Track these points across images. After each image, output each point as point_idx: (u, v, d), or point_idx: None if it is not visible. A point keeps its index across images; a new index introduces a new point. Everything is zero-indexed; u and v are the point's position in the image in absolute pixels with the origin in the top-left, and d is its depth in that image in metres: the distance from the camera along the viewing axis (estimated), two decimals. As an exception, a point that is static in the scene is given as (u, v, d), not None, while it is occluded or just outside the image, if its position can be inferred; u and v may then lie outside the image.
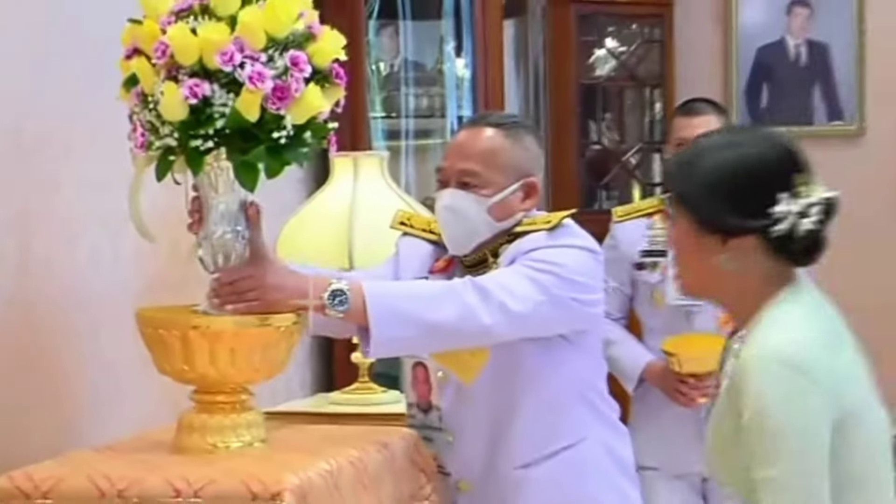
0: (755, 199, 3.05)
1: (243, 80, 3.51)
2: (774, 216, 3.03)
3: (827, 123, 8.00)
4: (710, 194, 3.09)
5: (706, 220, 3.10)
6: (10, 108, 4.10)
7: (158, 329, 3.68)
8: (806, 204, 3.03)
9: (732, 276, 3.13)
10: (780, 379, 2.97)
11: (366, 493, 3.67)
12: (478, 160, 4.02)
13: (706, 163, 3.15)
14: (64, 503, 3.44)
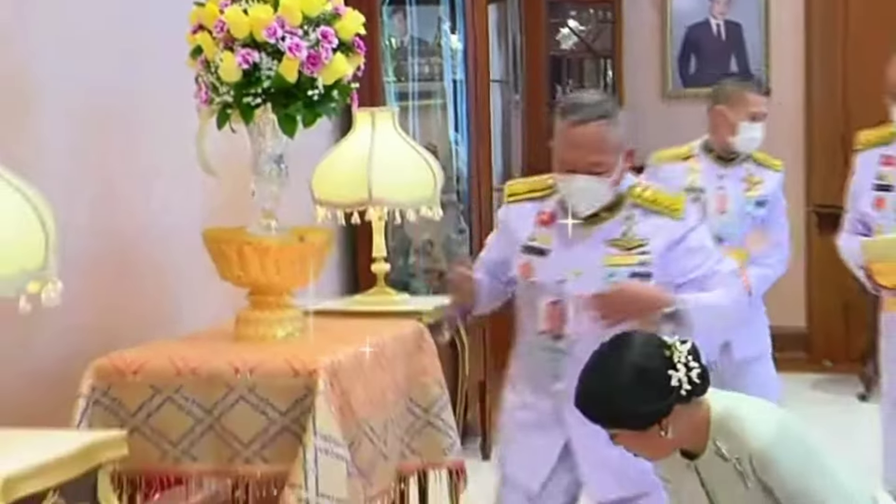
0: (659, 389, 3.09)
1: (284, 50, 3.53)
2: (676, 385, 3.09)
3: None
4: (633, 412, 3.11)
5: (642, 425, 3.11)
6: (102, 73, 4.07)
7: (220, 245, 3.70)
8: (683, 360, 3.11)
9: (681, 434, 3.13)
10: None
11: (383, 371, 3.68)
12: (599, 153, 3.96)
13: (617, 400, 3.15)
14: (149, 378, 3.45)
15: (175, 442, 3.42)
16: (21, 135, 3.68)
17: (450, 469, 3.97)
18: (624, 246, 4.09)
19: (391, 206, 4.82)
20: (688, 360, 3.21)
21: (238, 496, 3.63)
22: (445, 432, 3.91)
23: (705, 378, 3.25)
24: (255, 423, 3.37)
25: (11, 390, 3.57)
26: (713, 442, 3.30)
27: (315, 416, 3.28)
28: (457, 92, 6.12)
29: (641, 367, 3.20)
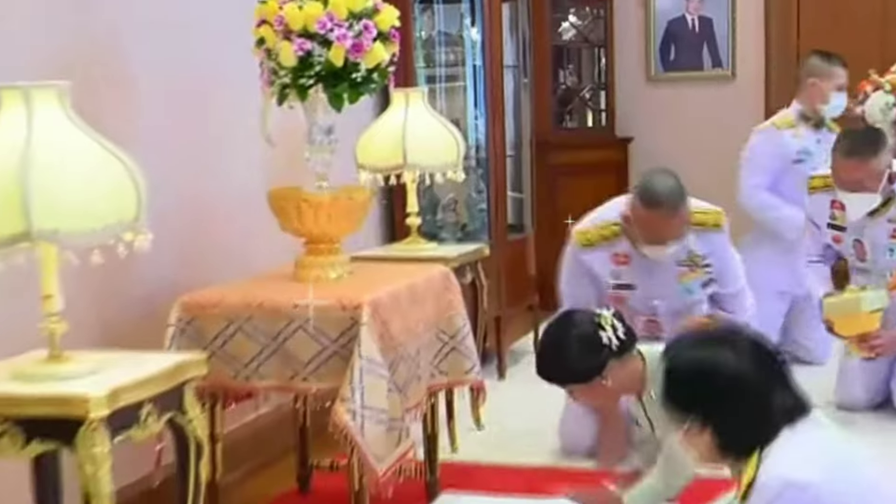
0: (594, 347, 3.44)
1: (333, 39, 3.51)
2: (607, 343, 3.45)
3: (712, 70, 7.88)
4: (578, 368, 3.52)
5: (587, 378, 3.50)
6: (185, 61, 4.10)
7: (281, 202, 3.69)
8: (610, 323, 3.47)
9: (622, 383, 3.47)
10: None
11: (415, 306, 3.67)
12: (679, 231, 4.21)
13: (564, 360, 3.55)
14: (224, 311, 3.45)
15: (246, 363, 3.42)
16: (120, 110, 3.69)
17: (472, 386, 3.97)
18: (690, 263, 4.20)
19: (422, 170, 4.81)
20: (613, 323, 3.45)
21: (298, 408, 3.67)
22: (468, 356, 3.90)
23: (630, 335, 3.47)
24: (311, 348, 3.36)
25: (115, 321, 3.63)
26: (649, 383, 3.43)
27: (360, 342, 3.28)
28: (476, 76, 6.09)
29: (578, 333, 3.47)
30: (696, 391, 2.47)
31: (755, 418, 2.40)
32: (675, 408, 2.50)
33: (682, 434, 2.48)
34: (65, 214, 2.43)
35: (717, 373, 2.44)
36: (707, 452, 2.47)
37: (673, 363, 2.54)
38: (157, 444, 3.11)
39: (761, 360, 2.47)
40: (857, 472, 2.41)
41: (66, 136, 2.51)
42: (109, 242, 2.53)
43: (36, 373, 2.58)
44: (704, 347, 2.53)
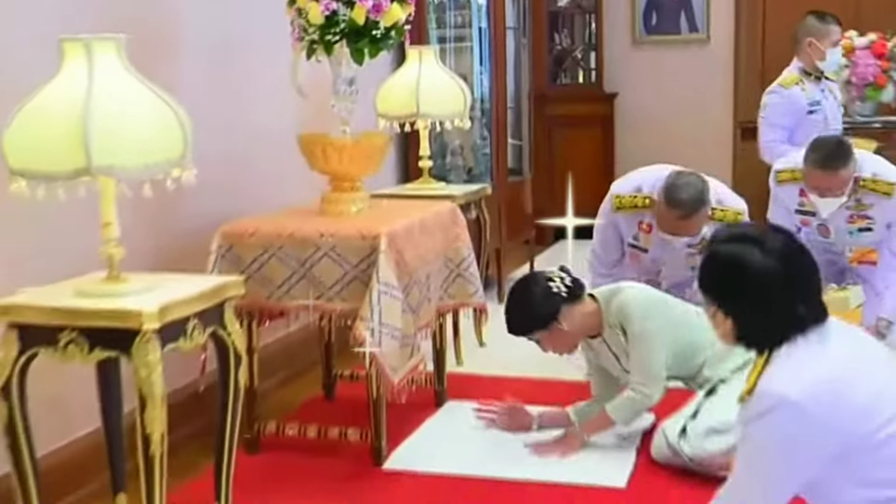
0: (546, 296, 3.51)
1: (356, 0, 3.47)
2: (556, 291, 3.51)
3: (689, 34, 7.79)
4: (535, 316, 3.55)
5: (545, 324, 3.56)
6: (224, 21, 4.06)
7: (310, 145, 3.67)
8: (557, 275, 3.55)
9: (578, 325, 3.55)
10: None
11: (426, 237, 3.67)
12: (695, 230, 4.21)
13: (523, 312, 3.58)
14: (259, 239, 3.44)
15: (278, 286, 3.42)
16: (168, 63, 3.66)
17: (475, 308, 3.97)
18: (701, 248, 4.20)
19: (433, 119, 4.79)
20: (561, 276, 3.55)
21: (323, 325, 3.67)
22: (472, 281, 3.90)
23: (578, 284, 3.57)
24: (335, 272, 3.36)
25: (164, 247, 3.63)
26: (606, 320, 3.55)
27: (378, 268, 3.27)
28: (481, 36, 6.03)
29: (532, 289, 3.56)
30: (723, 284, 2.40)
31: (771, 319, 2.32)
32: (707, 294, 2.44)
33: (711, 316, 2.43)
34: (120, 152, 2.42)
35: (742, 271, 2.33)
36: (727, 336, 2.41)
37: (710, 253, 2.46)
38: (202, 354, 3.13)
39: (788, 265, 2.34)
40: (853, 390, 2.24)
41: (122, 83, 2.49)
42: (159, 177, 2.53)
43: (97, 290, 2.59)
44: (740, 244, 2.46)
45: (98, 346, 2.50)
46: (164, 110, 2.53)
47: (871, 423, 2.22)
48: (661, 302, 3.63)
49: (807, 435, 2.21)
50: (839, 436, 2.21)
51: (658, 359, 3.48)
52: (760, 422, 2.26)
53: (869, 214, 4.55)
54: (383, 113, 4.74)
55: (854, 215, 4.59)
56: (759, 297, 2.33)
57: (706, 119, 7.59)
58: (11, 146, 2.43)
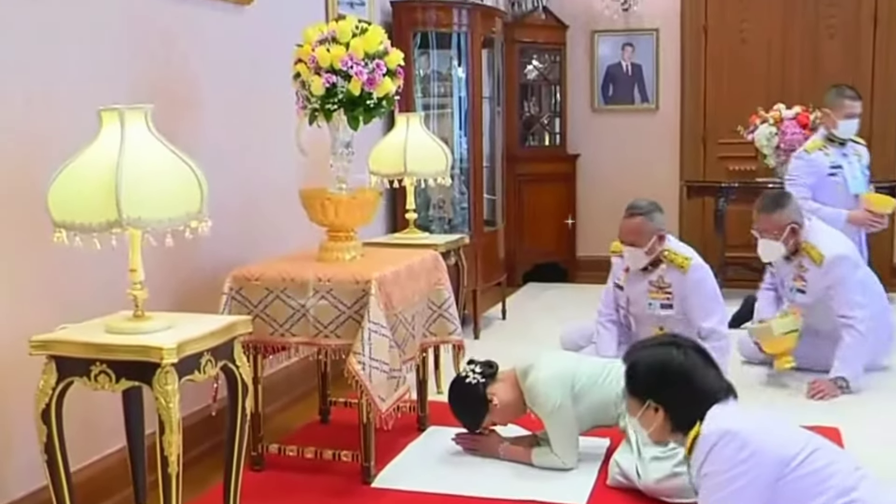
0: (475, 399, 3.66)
1: (352, 74, 3.50)
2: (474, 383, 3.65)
3: (641, 104, 7.87)
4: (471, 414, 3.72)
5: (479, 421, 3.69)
6: (239, 87, 4.08)
7: (310, 199, 3.69)
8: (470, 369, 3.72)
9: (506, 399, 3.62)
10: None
11: (412, 281, 3.67)
12: (637, 235, 4.44)
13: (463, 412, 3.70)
14: (265, 283, 3.46)
15: (281, 323, 3.43)
16: (187, 123, 3.69)
17: (454, 344, 3.96)
18: (658, 286, 4.30)
19: (419, 176, 4.80)
20: (471, 368, 3.71)
21: (320, 358, 3.67)
22: (451, 321, 3.90)
23: (487, 365, 3.67)
24: (331, 312, 3.37)
25: (182, 288, 3.62)
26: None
27: (369, 309, 3.28)
28: (461, 104, 6.05)
29: (458, 391, 3.69)
30: (652, 380, 2.53)
31: (698, 398, 2.47)
32: (634, 396, 2.56)
33: (640, 416, 2.55)
34: (146, 206, 2.45)
35: (668, 365, 2.51)
36: (659, 430, 2.53)
37: (632, 362, 2.61)
38: (214, 383, 3.14)
39: (699, 355, 2.55)
40: (772, 428, 2.49)
41: (149, 147, 2.52)
42: (179, 228, 2.56)
43: (124, 327, 2.60)
44: (656, 348, 2.59)
45: (124, 377, 2.52)
46: (185, 170, 2.56)
47: (791, 449, 2.39)
48: (567, 375, 3.56)
49: (750, 458, 2.34)
50: (773, 460, 2.33)
51: (570, 431, 3.52)
52: (710, 457, 2.39)
53: (806, 277, 4.57)
54: (375, 171, 4.76)
55: (797, 275, 4.64)
56: (685, 383, 2.49)
57: (656, 177, 7.65)
58: (55, 201, 2.46)
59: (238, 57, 4.07)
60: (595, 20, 7.86)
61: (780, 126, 6.49)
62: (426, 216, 5.93)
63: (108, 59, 3.26)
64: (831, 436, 3.73)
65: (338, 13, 4.83)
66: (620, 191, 7.57)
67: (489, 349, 5.26)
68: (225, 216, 3.72)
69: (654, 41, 7.81)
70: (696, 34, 7.69)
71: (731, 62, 7.62)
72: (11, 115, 2.85)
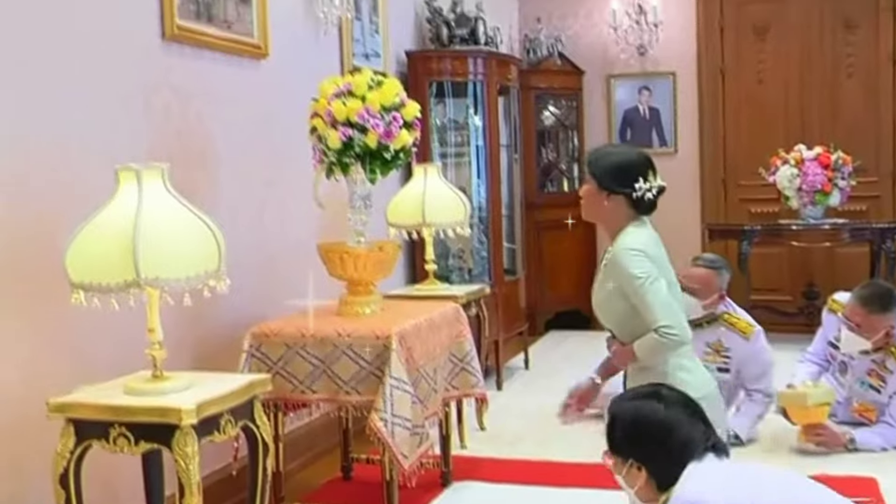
0: (628, 178, 2.91)
1: (369, 128, 3.51)
2: (635, 188, 2.91)
3: (659, 147, 7.86)
4: (606, 172, 2.95)
5: (601, 185, 2.95)
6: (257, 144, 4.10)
7: (328, 253, 3.69)
8: (649, 186, 2.93)
9: (610, 212, 2.96)
10: (634, 256, 2.85)
11: (433, 334, 3.66)
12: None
13: (606, 159, 3.00)
14: (284, 339, 3.45)
15: (301, 380, 3.42)
16: (204, 179, 3.71)
17: (477, 397, 3.93)
18: (716, 349, 4.14)
19: (437, 227, 4.79)
20: (652, 189, 2.98)
21: (341, 415, 3.64)
22: (474, 374, 3.87)
23: (650, 206, 3.00)
24: (351, 368, 3.36)
25: (200, 346, 3.61)
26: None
27: (390, 365, 3.27)
28: (478, 153, 6.06)
29: (634, 161, 3.01)
30: (632, 436, 2.36)
31: (679, 456, 2.29)
32: (616, 453, 2.38)
33: (624, 475, 2.36)
34: (164, 266, 2.45)
35: (648, 421, 2.34)
36: (644, 489, 2.33)
37: (612, 416, 2.43)
38: (234, 443, 3.12)
39: (685, 408, 2.37)
40: (745, 484, 2.25)
41: (167, 206, 2.53)
42: (198, 287, 2.55)
43: (143, 388, 2.59)
44: (638, 401, 2.46)
45: (143, 439, 2.50)
46: (202, 228, 2.56)
47: None
48: None
49: None
50: None
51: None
52: None
53: (886, 378, 4.34)
54: (393, 223, 4.76)
55: (874, 371, 4.40)
56: (664, 439, 2.30)
57: (676, 221, 7.59)
58: (72, 262, 2.47)
59: (254, 111, 4.09)
60: (611, 64, 7.90)
61: (801, 167, 6.48)
62: (445, 266, 5.91)
63: (124, 117, 3.29)
64: (868, 487, 3.68)
65: (353, 65, 4.86)
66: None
67: (512, 401, 5.22)
68: (243, 271, 3.71)
69: (672, 84, 7.83)
70: (713, 76, 7.71)
71: (750, 103, 7.63)
72: (28, 174, 2.87)
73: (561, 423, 3.17)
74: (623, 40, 7.73)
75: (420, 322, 3.55)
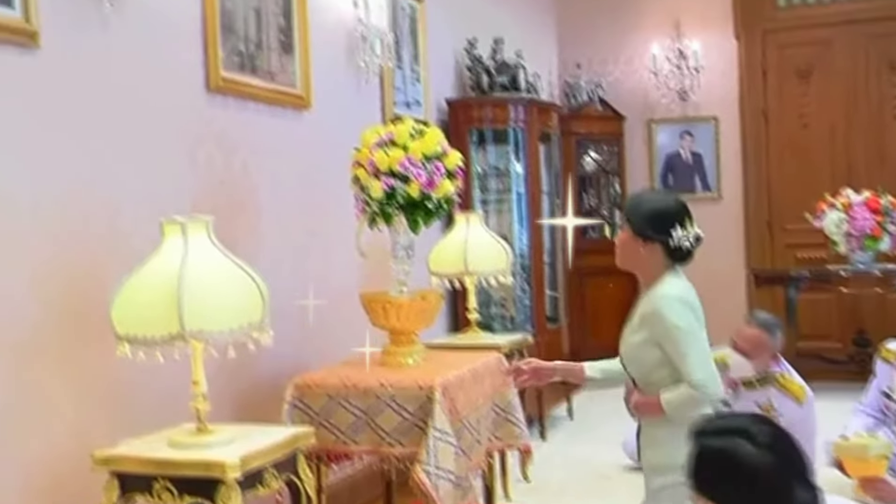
0: (664, 225, 2.85)
1: (411, 177, 3.52)
2: (672, 236, 2.84)
3: (702, 192, 7.83)
4: (642, 219, 2.91)
5: (636, 232, 2.91)
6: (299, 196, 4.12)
7: (371, 303, 3.69)
8: (686, 234, 2.85)
9: (645, 260, 2.87)
10: (676, 306, 2.76)
11: (476, 385, 3.64)
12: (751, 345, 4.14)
13: (643, 205, 2.95)
14: (326, 390, 3.44)
15: (344, 431, 3.40)
16: (247, 228, 3.74)
17: (520, 448, 3.90)
18: (765, 410, 4.05)
19: (479, 275, 4.77)
20: (689, 237, 2.88)
21: (384, 467, 3.61)
22: (517, 425, 3.84)
23: (686, 255, 2.89)
24: (394, 419, 3.34)
25: (242, 397, 3.61)
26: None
27: (433, 415, 3.25)
28: (519, 199, 6.07)
29: (670, 209, 2.90)
30: (716, 479, 2.14)
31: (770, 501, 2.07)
32: (699, 492, 2.29)
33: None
34: (209, 318, 2.46)
35: (736, 466, 2.11)
36: None
37: (699, 449, 2.32)
38: (278, 496, 3.10)
39: (780, 455, 2.13)
40: None
41: (211, 258, 2.55)
42: (241, 339, 2.56)
43: (186, 441, 2.60)
44: (729, 437, 2.29)
45: (187, 493, 2.50)
46: (246, 281, 2.58)
47: None
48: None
49: None
50: None
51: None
52: None
53: None
54: (435, 271, 4.75)
55: None
56: (755, 491, 2.09)
57: (720, 267, 7.54)
58: (118, 315, 2.49)
59: (297, 161, 4.13)
60: (652, 109, 7.89)
61: (849, 211, 6.39)
62: (487, 314, 5.89)
63: (170, 168, 3.33)
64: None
65: (394, 113, 4.90)
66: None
67: (556, 451, 5.16)
68: (285, 320, 3.70)
69: (714, 128, 7.81)
70: (756, 120, 7.67)
71: (794, 147, 7.57)
72: (78, 228, 2.91)
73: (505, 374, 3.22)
74: (664, 85, 7.74)
75: (463, 373, 3.54)
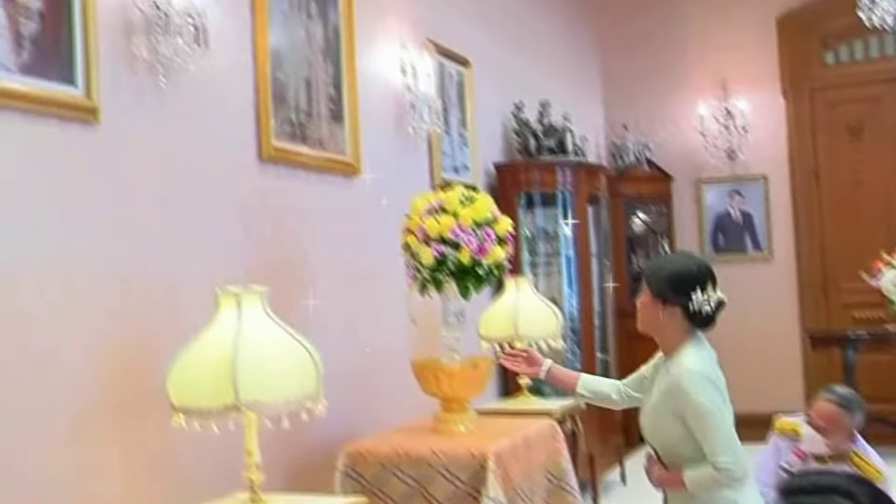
0: (684, 288, 2.79)
1: (462, 244, 3.55)
2: (692, 299, 2.78)
3: (753, 252, 7.76)
4: (661, 281, 2.84)
5: (655, 294, 2.84)
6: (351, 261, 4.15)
7: (422, 370, 3.70)
8: (707, 298, 2.80)
9: (665, 324, 2.82)
10: (700, 383, 2.65)
11: (529, 452, 3.63)
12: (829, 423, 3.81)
13: (663, 268, 2.92)
14: (378, 458, 3.45)
15: (396, 500, 3.39)
16: (298, 296, 3.75)
17: (574, 517, 3.85)
18: None
19: (529, 339, 4.72)
20: (710, 302, 2.81)
21: (438, 537, 3.58)
22: (571, 493, 3.81)
23: (707, 320, 2.83)
24: (447, 488, 3.33)
25: (294, 465, 3.60)
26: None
27: (487, 484, 3.23)
28: (568, 262, 6.07)
29: (691, 272, 2.82)
30: None
31: None
32: None
33: None
34: (263, 389, 2.48)
35: None
36: None
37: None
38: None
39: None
40: None
41: (265, 328, 2.58)
42: (295, 409, 2.57)
43: (240, 514, 2.60)
44: (828, 496, 2.22)
45: (241, 566, 2.49)
46: (300, 351, 2.59)
47: None
48: None
49: None
50: None
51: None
52: None
53: None
54: (485, 336, 4.74)
55: None
56: None
57: (773, 328, 7.45)
58: (174, 385, 2.52)
59: (347, 228, 4.17)
60: (700, 169, 7.87)
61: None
62: (539, 380, 5.79)
63: (222, 238, 3.38)
64: None
65: (442, 178, 4.94)
66: (735, 342, 7.31)
67: (611, 519, 5.07)
68: (337, 387, 3.69)
69: (763, 188, 7.76)
70: (806, 179, 7.62)
71: (847, 206, 7.49)
72: (135, 301, 2.96)
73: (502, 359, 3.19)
74: (712, 145, 7.72)
75: (516, 441, 3.52)
